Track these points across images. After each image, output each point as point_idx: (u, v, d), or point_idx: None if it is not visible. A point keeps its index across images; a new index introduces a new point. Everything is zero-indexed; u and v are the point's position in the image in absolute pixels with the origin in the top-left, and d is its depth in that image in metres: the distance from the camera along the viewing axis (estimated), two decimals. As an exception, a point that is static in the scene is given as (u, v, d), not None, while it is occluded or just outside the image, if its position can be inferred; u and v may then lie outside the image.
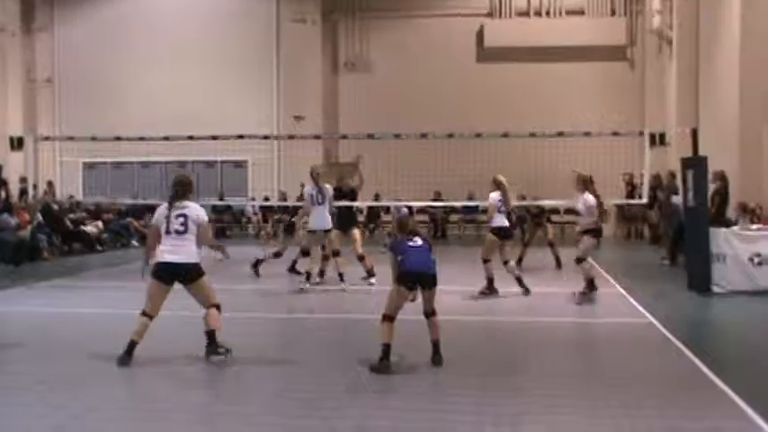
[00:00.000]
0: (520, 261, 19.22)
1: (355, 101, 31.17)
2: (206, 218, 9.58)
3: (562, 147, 22.09)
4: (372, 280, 16.08)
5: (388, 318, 9.19)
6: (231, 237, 21.59)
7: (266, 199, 28.77)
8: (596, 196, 14.55)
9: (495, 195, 14.79)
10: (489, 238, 14.93)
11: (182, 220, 9.33)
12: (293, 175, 27.52)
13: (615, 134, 20.14)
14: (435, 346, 9.39)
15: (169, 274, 9.33)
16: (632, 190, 25.73)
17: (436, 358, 9.30)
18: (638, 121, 28.82)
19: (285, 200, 28.02)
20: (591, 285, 14.54)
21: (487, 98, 30.52)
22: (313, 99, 30.76)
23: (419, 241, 9.51)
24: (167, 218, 9.40)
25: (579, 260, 14.67)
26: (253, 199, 28.47)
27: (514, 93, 30.68)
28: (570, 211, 28.06)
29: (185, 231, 9.31)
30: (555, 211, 24.36)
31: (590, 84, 31.01)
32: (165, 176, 31.75)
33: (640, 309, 13.21)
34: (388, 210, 28.65)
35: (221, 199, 28.42)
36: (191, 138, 20.46)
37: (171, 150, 28.33)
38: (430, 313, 9.43)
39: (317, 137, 25.47)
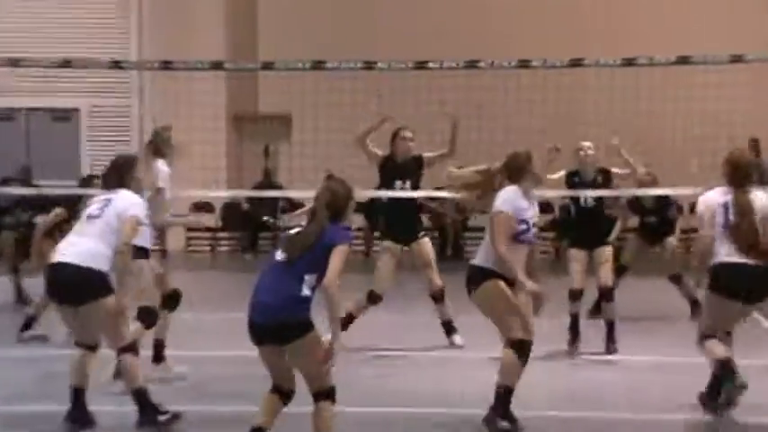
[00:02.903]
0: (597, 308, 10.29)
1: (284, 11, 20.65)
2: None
3: (632, 85, 13.01)
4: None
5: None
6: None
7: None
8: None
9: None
10: None
11: None
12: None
13: (736, 60, 11.25)
14: None
15: None
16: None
17: None
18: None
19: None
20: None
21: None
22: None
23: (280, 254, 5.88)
24: None
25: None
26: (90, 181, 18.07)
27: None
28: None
29: None
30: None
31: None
32: None
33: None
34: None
35: (27, 183, 16.04)
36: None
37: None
38: (315, 394, 6.11)
39: (218, 66, 14.85)
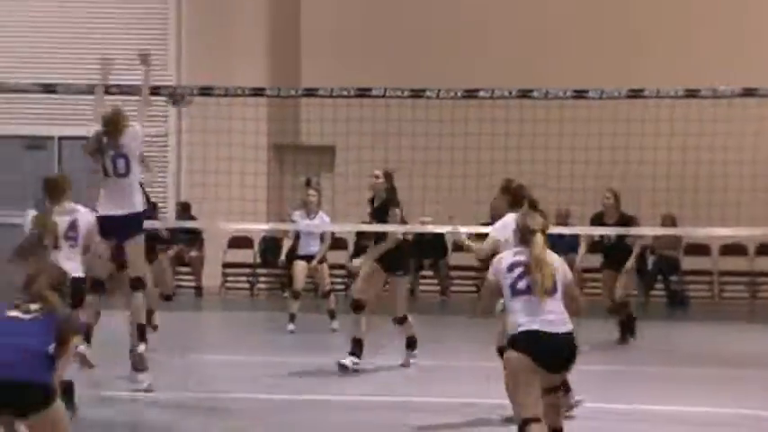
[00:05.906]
0: None
1: (334, 26, 18.88)
2: None
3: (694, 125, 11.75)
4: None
5: None
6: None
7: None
8: None
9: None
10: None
11: None
12: (206, 171, 14.51)
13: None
14: None
15: None
16: None
17: None
18: None
19: (188, 211, 17.29)
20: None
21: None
22: (247, 21, 18.29)
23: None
24: None
25: None
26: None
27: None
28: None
29: None
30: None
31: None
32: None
33: None
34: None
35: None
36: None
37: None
38: None
39: (259, 92, 13.52)
